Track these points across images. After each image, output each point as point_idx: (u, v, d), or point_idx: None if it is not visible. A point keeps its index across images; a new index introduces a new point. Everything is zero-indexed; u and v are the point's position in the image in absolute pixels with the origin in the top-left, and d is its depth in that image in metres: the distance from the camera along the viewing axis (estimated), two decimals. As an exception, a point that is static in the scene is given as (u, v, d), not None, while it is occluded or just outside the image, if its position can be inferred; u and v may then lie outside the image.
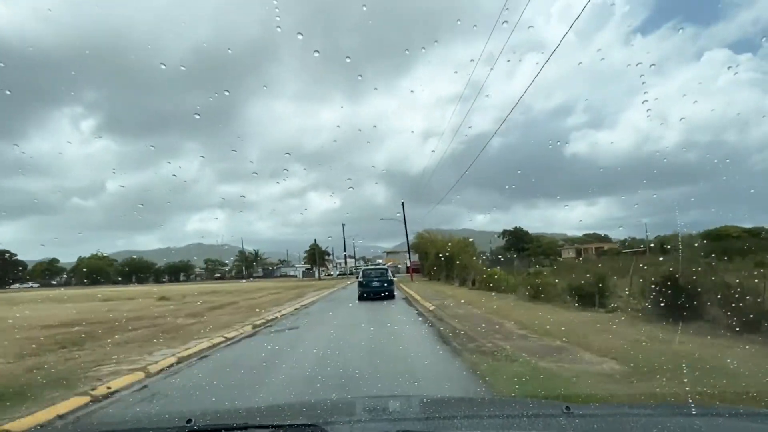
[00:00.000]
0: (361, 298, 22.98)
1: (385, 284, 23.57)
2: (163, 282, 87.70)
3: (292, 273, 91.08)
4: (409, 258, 45.64)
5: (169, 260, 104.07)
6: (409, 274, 71.06)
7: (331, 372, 7.02)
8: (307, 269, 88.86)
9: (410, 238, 49.05)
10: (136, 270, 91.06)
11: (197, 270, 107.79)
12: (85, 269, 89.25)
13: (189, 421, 1.87)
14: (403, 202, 44.05)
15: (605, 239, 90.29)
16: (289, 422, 1.85)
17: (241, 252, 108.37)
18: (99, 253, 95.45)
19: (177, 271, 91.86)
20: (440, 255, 42.81)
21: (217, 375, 7.50)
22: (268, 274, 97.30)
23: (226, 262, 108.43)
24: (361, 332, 11.68)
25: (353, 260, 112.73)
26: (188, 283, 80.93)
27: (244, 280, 77.49)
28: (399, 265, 77.74)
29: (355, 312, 18.26)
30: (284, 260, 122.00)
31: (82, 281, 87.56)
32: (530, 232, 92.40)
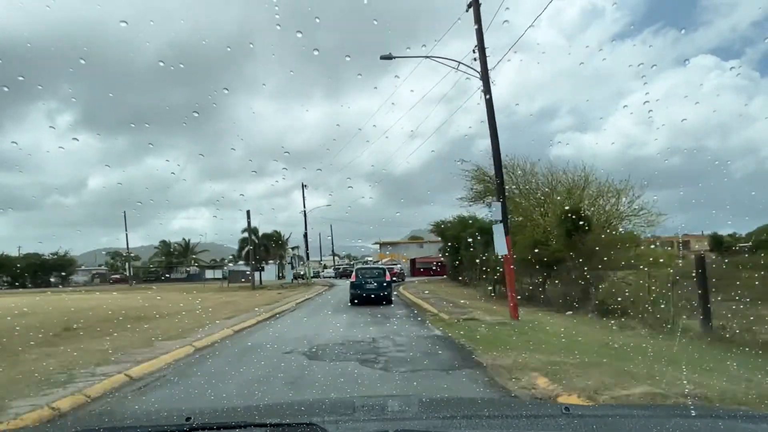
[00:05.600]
0: (353, 301, 18.44)
1: (382, 286, 18.98)
2: (22, 287, 54.66)
3: (214, 275, 57.92)
4: (503, 211, 10.76)
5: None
6: (419, 276, 39.63)
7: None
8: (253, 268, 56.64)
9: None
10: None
11: (101, 268, 74.33)
12: None
13: (188, 419, 1.79)
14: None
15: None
16: (288, 421, 1.81)
17: (163, 242, 75.67)
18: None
19: (48, 270, 58.39)
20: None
21: None
22: (194, 275, 65.10)
23: (138, 257, 75.45)
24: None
25: (333, 258, 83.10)
26: (39, 290, 47.36)
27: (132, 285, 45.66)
28: (399, 264, 46.36)
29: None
30: (234, 256, 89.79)
31: None
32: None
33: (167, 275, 68.52)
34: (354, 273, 20.70)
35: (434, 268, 46.75)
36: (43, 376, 6.53)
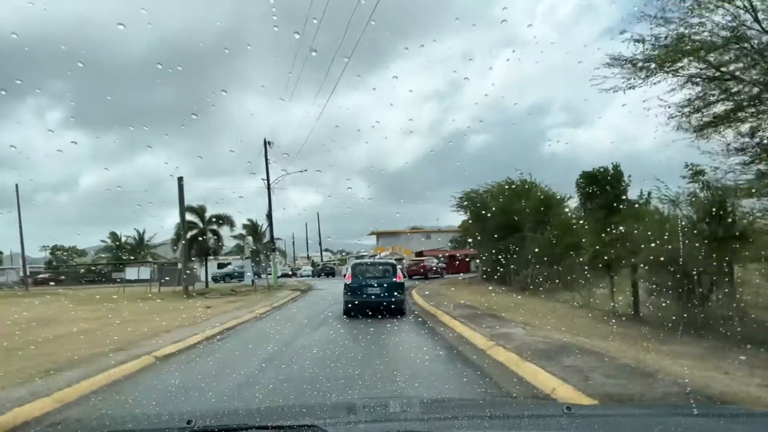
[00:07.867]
0: (348, 311, 13.13)
1: (391, 291, 13.18)
2: None
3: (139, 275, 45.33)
4: None
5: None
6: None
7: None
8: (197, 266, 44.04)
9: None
10: None
11: (36, 266, 61.49)
12: None
13: (189, 422, 1.77)
14: None
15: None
16: (289, 423, 1.79)
17: (113, 235, 62.85)
18: None
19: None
20: None
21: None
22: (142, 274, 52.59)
23: (85, 252, 62.99)
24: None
25: (321, 254, 72.39)
26: None
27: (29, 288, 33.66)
28: (404, 259, 34.84)
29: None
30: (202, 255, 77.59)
31: None
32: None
33: (113, 274, 55.85)
34: (350, 271, 14.99)
35: (443, 263, 35.57)
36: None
